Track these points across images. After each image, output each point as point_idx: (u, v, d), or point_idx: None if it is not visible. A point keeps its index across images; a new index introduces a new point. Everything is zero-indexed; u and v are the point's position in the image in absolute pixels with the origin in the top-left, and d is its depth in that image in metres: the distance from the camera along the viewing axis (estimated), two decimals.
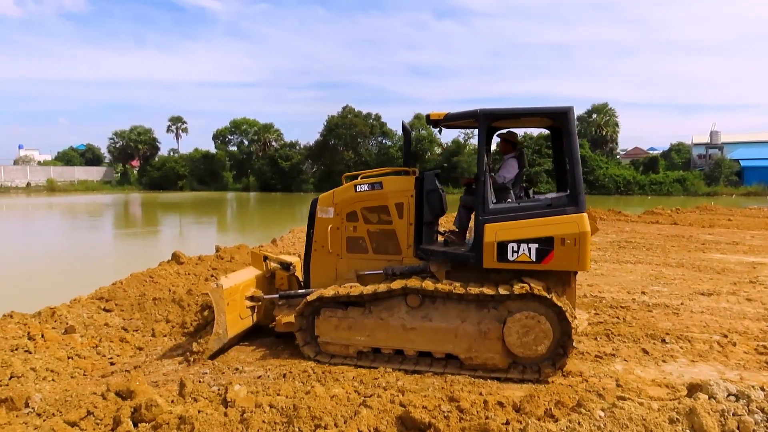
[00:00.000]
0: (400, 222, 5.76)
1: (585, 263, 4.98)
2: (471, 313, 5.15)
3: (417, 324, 5.24)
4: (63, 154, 79.54)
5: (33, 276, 12.53)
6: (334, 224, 5.94)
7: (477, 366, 5.12)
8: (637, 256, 12.05)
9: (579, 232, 4.92)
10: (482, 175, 5.21)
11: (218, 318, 5.61)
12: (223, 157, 67.78)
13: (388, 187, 5.83)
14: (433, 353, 5.26)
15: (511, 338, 4.98)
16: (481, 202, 5.19)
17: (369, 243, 5.89)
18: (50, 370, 5.28)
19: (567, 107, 5.14)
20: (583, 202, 5.06)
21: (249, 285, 6.15)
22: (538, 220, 5.04)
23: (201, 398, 4.27)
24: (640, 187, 50.28)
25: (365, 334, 5.36)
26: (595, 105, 58.55)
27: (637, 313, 7.31)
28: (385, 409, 3.73)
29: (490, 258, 5.08)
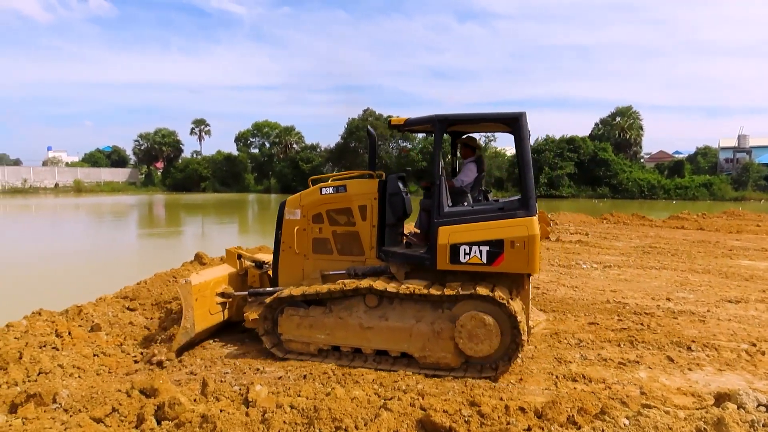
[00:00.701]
0: (364, 224, 5.92)
1: (534, 266, 5.09)
2: (425, 314, 5.29)
3: (374, 323, 5.39)
4: (89, 156, 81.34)
5: (60, 274, 12.81)
6: (301, 226, 6.12)
7: (431, 365, 5.25)
8: (662, 261, 11.84)
9: (528, 235, 5.02)
10: (437, 179, 5.34)
11: (186, 313, 5.80)
12: (244, 159, 68.52)
13: (352, 190, 5.98)
14: (389, 352, 5.40)
15: (461, 338, 5.11)
16: (437, 205, 5.32)
17: (334, 244, 6.07)
18: (77, 367, 5.39)
19: (519, 113, 5.24)
20: (533, 206, 5.15)
21: (220, 282, 6.33)
22: (490, 223, 5.17)
23: (223, 397, 4.32)
24: (664, 191, 49.39)
25: (325, 332, 5.53)
26: (618, 108, 57.81)
27: (662, 319, 7.18)
28: (405, 412, 3.72)
29: (444, 260, 5.22)
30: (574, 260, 11.86)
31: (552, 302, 8.09)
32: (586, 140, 53.42)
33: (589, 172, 51.33)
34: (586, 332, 6.61)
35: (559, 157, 51.51)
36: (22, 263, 14.47)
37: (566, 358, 5.70)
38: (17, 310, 6.97)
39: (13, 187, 60.27)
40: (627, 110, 57.32)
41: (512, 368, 5.43)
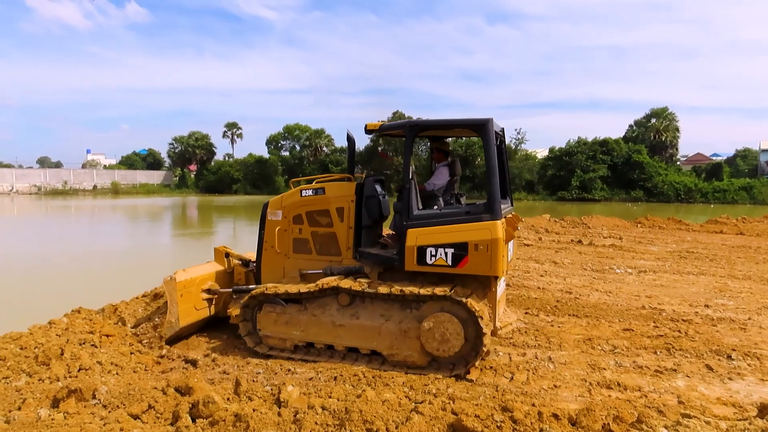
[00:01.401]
0: (341, 225, 6.13)
1: (497, 268, 5.17)
2: (394, 313, 5.45)
3: (345, 321, 5.58)
4: (126, 159, 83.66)
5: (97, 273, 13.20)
6: (282, 226, 6.37)
7: (398, 363, 5.42)
8: (700, 267, 11.49)
9: (491, 238, 5.13)
10: (408, 183, 5.47)
11: (171, 308, 6.16)
12: (275, 162, 69.39)
13: (330, 192, 6.21)
14: (359, 349, 5.58)
15: (426, 337, 5.26)
16: (406, 208, 5.46)
17: (313, 244, 6.30)
18: (114, 364, 5.53)
19: (486, 119, 5.35)
20: (498, 210, 5.25)
21: (207, 279, 6.61)
22: (456, 227, 5.30)
23: (255, 397, 4.36)
24: (702, 194, 48.02)
25: (300, 329, 5.75)
26: (653, 109, 56.54)
27: (701, 327, 6.97)
28: (436, 416, 3.70)
29: (411, 261, 5.36)
30: (608, 265, 11.61)
31: (585, 307, 7.94)
32: (620, 142, 52.38)
33: (622, 174, 50.27)
34: (621, 338, 6.47)
35: (591, 159, 50.60)
36: (62, 262, 14.97)
37: (600, 365, 5.59)
38: (58, 308, 7.21)
39: (54, 189, 62.42)
40: (662, 111, 55.96)
41: (545, 374, 5.36)
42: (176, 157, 76.27)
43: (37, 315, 6.86)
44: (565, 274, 10.54)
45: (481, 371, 5.43)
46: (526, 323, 7.15)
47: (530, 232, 18.01)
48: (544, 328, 6.91)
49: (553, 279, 10.12)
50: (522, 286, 9.35)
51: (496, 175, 5.31)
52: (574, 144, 52.92)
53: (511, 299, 8.46)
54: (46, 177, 64.71)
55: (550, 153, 54.99)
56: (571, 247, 14.46)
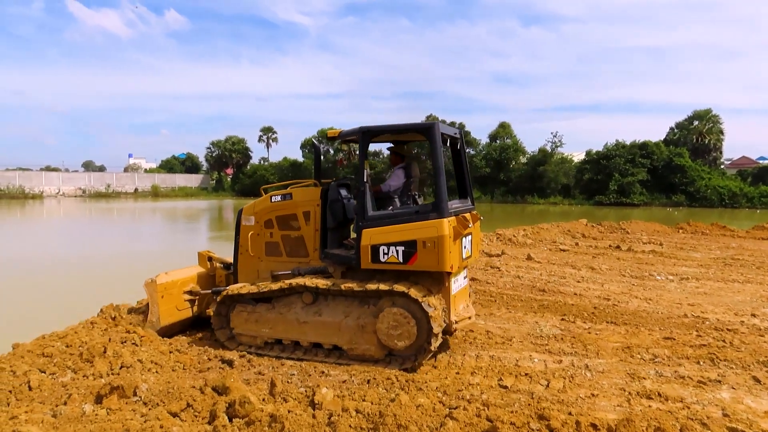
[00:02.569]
0: (308, 228, 6.45)
1: (444, 264, 5.44)
2: (353, 309, 5.80)
3: (309, 318, 5.93)
4: (166, 162, 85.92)
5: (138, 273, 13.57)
6: (255, 231, 6.74)
7: (357, 357, 5.74)
8: (746, 274, 11.06)
9: (437, 235, 5.42)
10: (362, 186, 5.78)
11: (152, 308, 6.55)
12: (309, 166, 69.96)
13: (297, 197, 6.55)
14: (322, 344, 5.92)
15: (380, 330, 5.57)
16: (361, 209, 5.77)
17: (283, 247, 6.62)
18: (154, 363, 5.68)
19: (431, 123, 5.74)
20: (444, 208, 5.52)
21: (189, 281, 6.99)
22: (406, 225, 5.60)
23: (290, 398, 4.42)
24: (747, 199, 46.22)
25: (269, 326, 6.13)
26: (696, 111, 54.72)
27: (747, 337, 6.70)
28: (471, 422, 3.67)
29: (366, 260, 5.70)
30: (648, 271, 11.31)
31: (623, 314, 7.74)
32: (660, 145, 50.93)
33: (663, 178, 48.85)
34: (662, 347, 6.28)
35: (630, 163, 49.32)
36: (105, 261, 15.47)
37: (640, 374, 5.43)
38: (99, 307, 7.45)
39: (98, 192, 64.63)
40: (706, 113, 54.12)
41: (581, 382, 5.25)
42: (213, 161, 77.90)
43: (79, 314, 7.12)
44: (602, 281, 10.32)
45: (516, 378, 5.36)
46: (562, 330, 7.02)
47: (566, 237, 17.69)
48: (581, 335, 6.76)
49: (591, 285, 9.91)
50: (558, 292, 9.19)
51: (443, 176, 5.63)
52: (612, 147, 51.69)
53: (547, 305, 8.33)
54: (90, 180, 67.03)
55: (586, 156, 53.86)
56: (609, 253, 14.14)
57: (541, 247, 15.37)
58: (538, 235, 17.53)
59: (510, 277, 10.45)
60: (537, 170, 52.97)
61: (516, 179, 54.51)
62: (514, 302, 8.49)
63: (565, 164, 54.08)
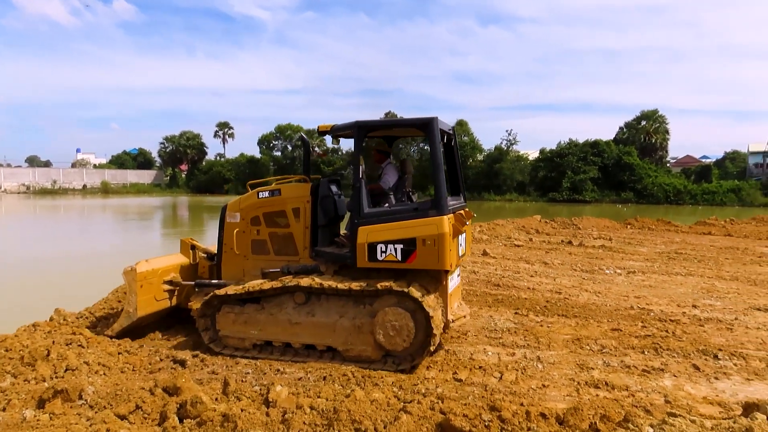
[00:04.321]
0: (297, 225, 6.21)
1: (444, 262, 5.31)
2: (348, 309, 5.57)
3: (302, 319, 5.68)
4: (116, 158, 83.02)
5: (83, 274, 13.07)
6: (240, 228, 6.42)
7: (353, 358, 5.51)
8: (688, 268, 11.59)
9: (438, 233, 5.27)
10: (357, 182, 5.59)
11: (129, 298, 6.20)
12: (267, 162, 69.18)
13: (286, 193, 6.31)
14: (316, 346, 5.67)
15: (378, 331, 5.38)
16: (357, 207, 5.58)
17: (271, 245, 6.36)
18: (102, 365, 5.49)
19: (430, 118, 5.52)
20: (444, 205, 5.38)
21: (169, 270, 6.65)
22: (404, 223, 5.43)
23: (244, 397, 4.35)
24: (691, 196, 48.37)
25: (258, 328, 5.82)
26: (644, 111, 56.86)
27: (688, 327, 7.02)
28: (425, 415, 3.71)
29: (363, 258, 5.49)
30: (597, 265, 11.69)
31: (574, 307, 7.98)
32: (611, 144, 52.68)
33: (613, 176, 50.58)
34: (609, 338, 6.51)
35: (582, 161, 50.84)
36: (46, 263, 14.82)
37: (588, 365, 5.62)
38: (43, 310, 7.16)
39: (44, 188, 61.87)
40: (653, 114, 56.33)
41: (533, 373, 5.38)
42: (167, 157, 75.84)
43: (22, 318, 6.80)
44: (555, 275, 10.60)
45: (470, 371, 5.45)
46: (515, 323, 7.17)
47: (521, 233, 18.08)
48: (533, 328, 6.93)
49: (543, 279, 10.16)
50: (512, 287, 9.39)
51: (442, 172, 5.49)
52: (565, 146, 53.17)
53: (501, 299, 8.49)
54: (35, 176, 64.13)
55: (541, 154, 55.21)
56: (561, 248, 14.53)
57: (497, 242, 15.66)
58: (494, 231, 17.84)
59: (466, 273, 10.60)
60: (493, 168, 53.90)
61: (473, 176, 55.29)
62: (469, 297, 8.61)
63: (520, 162, 55.24)
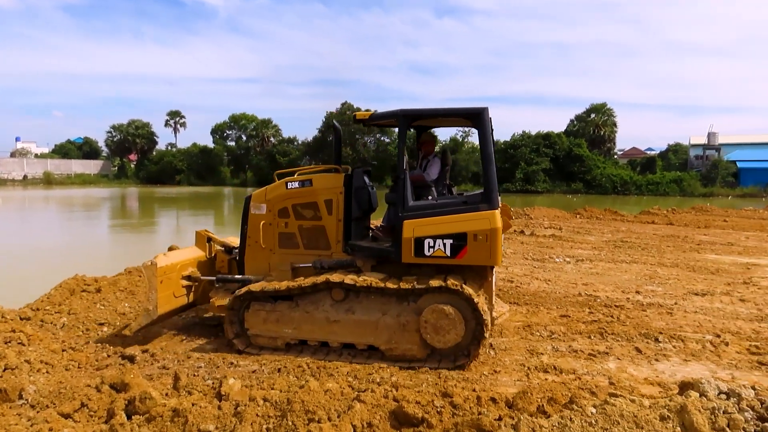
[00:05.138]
0: (330, 218, 5.91)
1: (496, 258, 5.18)
2: (391, 306, 5.31)
3: (340, 317, 5.40)
4: (60, 147, 79.30)
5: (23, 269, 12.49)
6: (267, 220, 6.07)
7: (397, 357, 5.29)
8: (633, 255, 12.09)
9: (490, 228, 5.12)
10: (402, 174, 5.38)
11: (150, 294, 5.76)
12: (221, 152, 67.69)
13: (317, 184, 5.97)
14: (356, 345, 5.42)
15: (426, 330, 5.17)
16: (401, 199, 5.37)
17: (300, 239, 6.04)
18: (44, 363, 5.27)
19: (482, 108, 5.32)
20: (495, 199, 5.24)
21: (188, 264, 6.26)
22: (453, 217, 5.24)
23: (195, 391, 4.27)
24: (636, 187, 50.36)
25: (292, 326, 5.52)
26: (593, 104, 58.64)
27: (631, 312, 7.34)
28: (378, 404, 3.74)
29: (408, 253, 5.29)
30: (548, 254, 12.03)
31: (525, 295, 8.20)
32: (562, 136, 54.15)
33: (564, 167, 52.06)
34: (558, 324, 6.73)
35: (535, 152, 52.08)
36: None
37: (538, 350, 5.80)
38: None
39: None
40: (601, 107, 58.20)
41: (485, 360, 5.51)
42: (115, 147, 73.01)
43: None
44: (507, 264, 10.84)
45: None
46: None
47: None
48: None
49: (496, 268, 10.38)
50: None
51: (493, 165, 5.31)
52: (519, 137, 54.33)
53: None
54: None
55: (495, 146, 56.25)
56: (513, 238, 14.87)
57: None
58: None
59: None
60: None
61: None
62: None
63: (475, 153, 56.02)
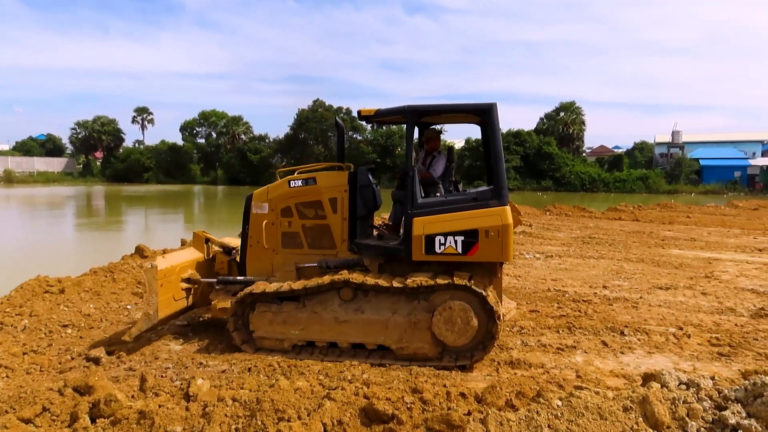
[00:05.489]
0: (334, 217, 5.83)
1: (508, 254, 5.19)
2: (401, 305, 5.27)
3: (350, 317, 5.34)
4: (21, 144, 76.69)
5: None
6: (269, 220, 5.95)
7: (408, 356, 5.25)
8: (600, 251, 12.36)
9: (502, 224, 5.12)
10: (411, 171, 5.36)
11: (149, 298, 5.55)
12: (190, 150, 66.56)
13: (321, 182, 5.87)
14: (365, 345, 5.37)
15: (439, 328, 5.15)
16: (410, 196, 5.34)
17: (304, 238, 5.94)
18: (4, 366, 5.12)
19: (490, 104, 5.33)
20: (505, 195, 5.25)
21: (187, 266, 6.10)
22: (464, 213, 5.22)
23: (162, 393, 4.20)
24: (604, 184, 51.44)
25: (299, 327, 5.43)
26: (562, 103, 59.60)
27: (598, 306, 7.50)
28: (349, 401, 3.74)
29: (419, 251, 5.25)
30: (518, 250, 12.20)
31: None
32: (532, 134, 54.90)
33: (534, 165, 52.80)
34: (528, 320, 6.83)
35: (505, 150, 52.49)
36: None
37: (508, 345, 5.88)
38: None
39: None
40: (570, 105, 59.21)
41: None
42: (79, 144, 71.10)
43: None
44: None
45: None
46: None
47: None
48: None
49: None
50: None
51: (503, 161, 5.31)
52: None
53: None
54: None
55: (467, 144, 56.63)
56: None
57: None
58: None
59: None
60: None
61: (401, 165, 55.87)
62: None
63: None
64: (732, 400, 3.03)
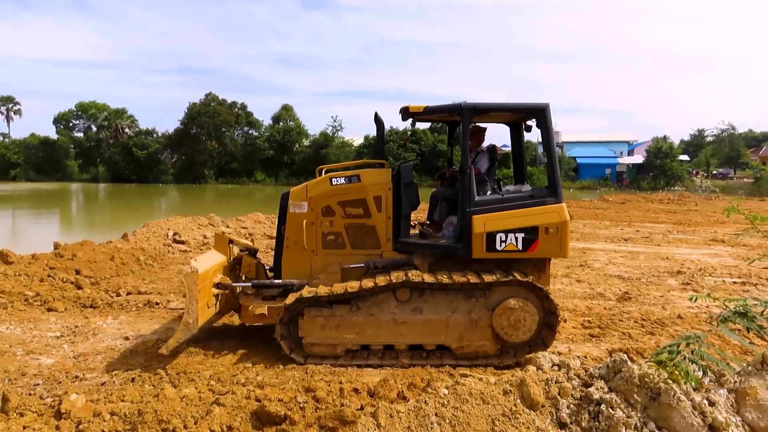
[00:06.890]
0: (379, 216, 5.68)
1: (566, 250, 5.36)
2: (459, 303, 5.25)
3: (408, 317, 5.24)
4: None
5: None
6: (309, 219, 5.68)
7: (468, 355, 5.26)
8: None
9: (561, 221, 5.29)
10: (467, 168, 5.37)
11: (190, 306, 5.01)
12: (66, 144, 61.14)
13: (366, 180, 5.69)
14: (424, 346, 5.30)
15: (500, 324, 5.17)
16: (468, 194, 5.35)
17: (347, 238, 5.72)
18: None
19: (545, 104, 5.49)
20: (560, 193, 5.46)
21: (216, 271, 5.68)
22: (524, 211, 5.34)
23: (29, 412, 3.82)
24: None
25: (354, 331, 5.25)
26: None
27: None
28: (239, 405, 3.64)
29: (479, 248, 5.26)
30: None
31: None
32: (427, 132, 56.73)
33: (429, 162, 54.61)
34: None
35: (402, 147, 53.96)
36: None
37: None
38: None
39: None
40: None
41: None
42: None
43: None
44: None
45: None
46: None
47: None
48: None
49: None
50: None
51: (557, 160, 5.45)
52: (387, 133, 55.89)
53: None
54: None
55: (365, 141, 57.34)
56: None
57: None
58: None
59: None
60: (320, 153, 54.54)
61: (300, 162, 55.39)
62: None
63: (345, 148, 56.79)
64: (596, 377, 3.32)
